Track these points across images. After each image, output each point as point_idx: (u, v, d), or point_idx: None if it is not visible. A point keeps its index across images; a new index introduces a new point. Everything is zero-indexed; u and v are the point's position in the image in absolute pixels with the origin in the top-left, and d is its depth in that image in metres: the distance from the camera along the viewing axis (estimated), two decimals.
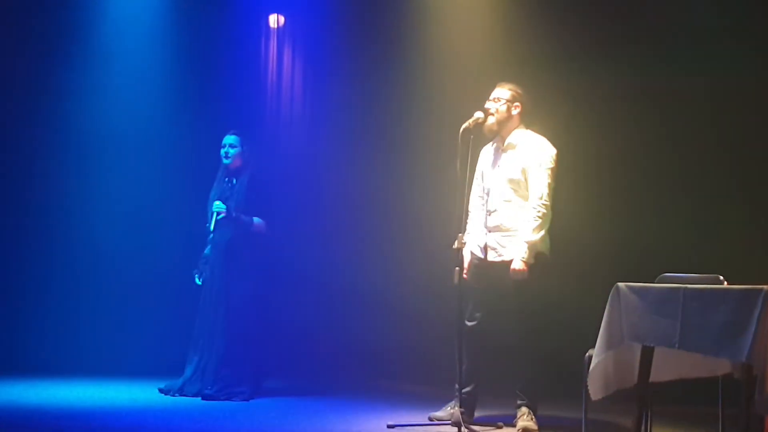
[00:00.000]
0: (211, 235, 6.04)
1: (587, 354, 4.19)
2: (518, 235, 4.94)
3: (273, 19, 7.43)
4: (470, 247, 5.07)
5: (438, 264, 5.45)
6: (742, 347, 3.42)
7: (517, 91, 5.11)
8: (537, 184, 4.95)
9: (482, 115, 5.02)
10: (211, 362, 5.87)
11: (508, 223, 5.00)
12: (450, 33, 6.75)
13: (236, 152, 6.07)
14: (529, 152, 5.02)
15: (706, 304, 3.61)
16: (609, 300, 4.00)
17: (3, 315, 6.95)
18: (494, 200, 5.06)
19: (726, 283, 4.07)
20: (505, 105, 5.08)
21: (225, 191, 6.04)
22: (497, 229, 5.03)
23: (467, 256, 5.06)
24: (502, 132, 5.11)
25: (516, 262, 4.89)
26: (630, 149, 6.13)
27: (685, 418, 5.24)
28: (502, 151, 5.11)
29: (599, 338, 4.02)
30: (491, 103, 5.09)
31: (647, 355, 3.97)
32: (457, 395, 4.86)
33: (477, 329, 5.03)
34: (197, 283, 6.11)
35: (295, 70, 7.43)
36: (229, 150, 6.07)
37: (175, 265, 6.57)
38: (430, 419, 5.08)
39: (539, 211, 4.91)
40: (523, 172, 5.00)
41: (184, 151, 7.04)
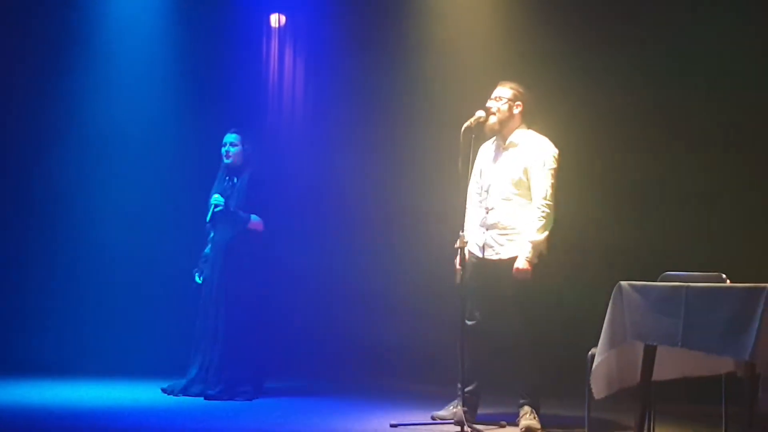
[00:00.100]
0: (211, 233, 6.04)
1: (590, 352, 4.19)
2: (518, 234, 4.93)
3: (274, 19, 7.42)
4: (467, 245, 5.06)
5: (440, 263, 5.44)
6: (745, 345, 3.43)
7: (519, 90, 5.09)
8: (540, 184, 4.94)
9: (484, 114, 5.00)
10: (214, 362, 5.87)
11: (506, 221, 4.99)
12: (451, 32, 6.73)
13: (237, 151, 6.06)
14: (532, 152, 5.00)
15: (709, 302, 3.61)
16: (612, 298, 4.00)
17: (6, 315, 6.97)
18: (493, 198, 5.04)
19: (729, 281, 4.06)
20: (506, 104, 5.07)
21: (226, 190, 6.02)
22: (495, 227, 5.01)
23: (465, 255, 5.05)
24: (503, 131, 5.09)
25: (520, 262, 4.87)
26: (632, 148, 6.12)
27: (688, 417, 5.22)
28: (503, 149, 5.10)
29: (602, 337, 4.02)
30: (493, 102, 5.08)
31: (650, 354, 3.96)
32: (460, 394, 4.86)
33: (477, 328, 5.01)
34: (197, 281, 6.11)
35: (296, 69, 7.43)
36: (230, 148, 6.06)
37: (179, 264, 6.55)
38: (433, 418, 5.07)
39: (543, 211, 4.90)
40: (525, 171, 4.98)
41: (186, 150, 7.04)
